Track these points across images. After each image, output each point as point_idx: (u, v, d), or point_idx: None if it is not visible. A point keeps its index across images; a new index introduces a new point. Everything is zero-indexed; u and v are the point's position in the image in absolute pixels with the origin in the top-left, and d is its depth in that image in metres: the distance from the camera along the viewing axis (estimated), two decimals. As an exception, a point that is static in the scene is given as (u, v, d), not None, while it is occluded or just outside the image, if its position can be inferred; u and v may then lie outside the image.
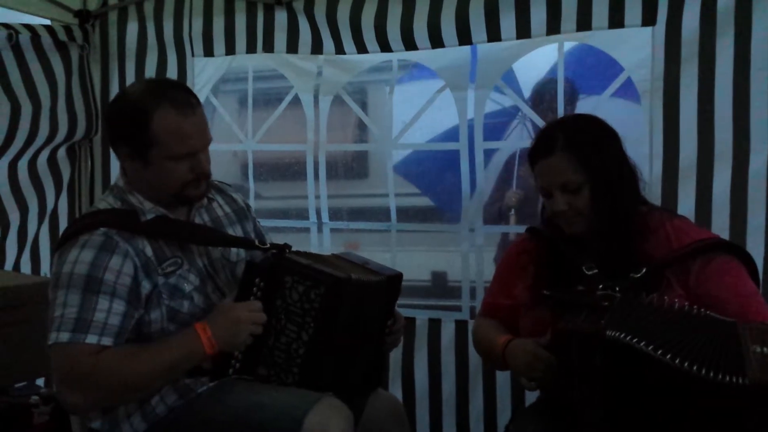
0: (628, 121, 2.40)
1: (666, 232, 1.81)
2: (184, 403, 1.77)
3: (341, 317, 1.74)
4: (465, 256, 2.77)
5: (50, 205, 3.07)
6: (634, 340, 1.48)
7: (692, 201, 2.34)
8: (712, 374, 1.42)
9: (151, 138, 1.71)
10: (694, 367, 1.43)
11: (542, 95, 2.91)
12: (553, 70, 2.72)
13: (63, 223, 3.12)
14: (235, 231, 1.98)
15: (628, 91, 2.51)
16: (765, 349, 1.46)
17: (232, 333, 1.70)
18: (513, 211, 2.95)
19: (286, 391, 1.72)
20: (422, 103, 2.85)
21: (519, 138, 2.92)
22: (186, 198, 1.83)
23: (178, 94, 1.75)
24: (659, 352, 1.46)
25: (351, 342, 1.80)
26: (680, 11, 2.29)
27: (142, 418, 1.77)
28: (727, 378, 1.41)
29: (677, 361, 1.44)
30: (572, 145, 1.76)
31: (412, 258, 3.28)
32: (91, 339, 1.64)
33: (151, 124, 1.70)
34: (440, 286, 3.52)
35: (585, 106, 2.83)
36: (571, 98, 2.83)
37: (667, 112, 2.35)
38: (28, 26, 2.84)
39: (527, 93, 2.94)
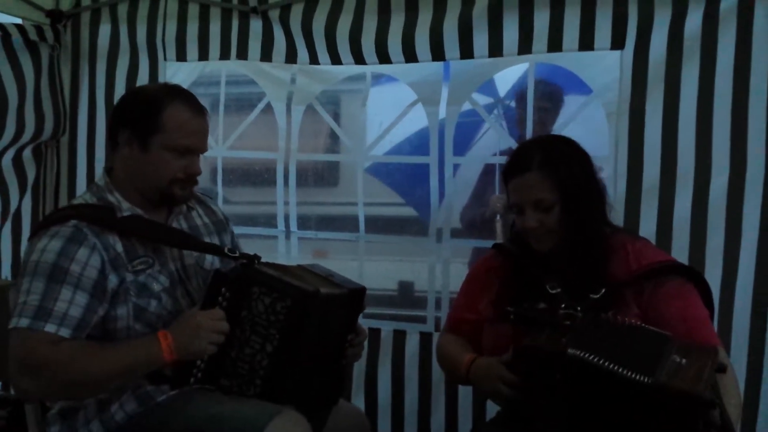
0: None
1: (626, 252, 1.85)
2: (143, 411, 1.77)
3: (307, 330, 1.74)
4: (431, 268, 2.79)
5: (14, 206, 3.02)
6: (594, 358, 1.53)
7: (654, 222, 2.39)
8: (626, 372, 1.49)
9: (159, 124, 1.79)
10: (618, 368, 1.50)
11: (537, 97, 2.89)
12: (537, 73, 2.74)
13: (26, 224, 3.07)
14: (212, 241, 1.99)
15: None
16: (683, 360, 1.54)
17: (191, 340, 1.69)
18: (499, 217, 2.91)
19: (247, 403, 1.72)
20: (395, 109, 2.86)
21: (494, 138, 2.92)
22: (170, 196, 1.85)
23: (193, 99, 1.87)
24: (604, 362, 1.52)
25: (314, 355, 1.81)
26: (648, 37, 2.35)
27: (101, 425, 1.76)
28: (636, 376, 1.49)
29: (612, 365, 1.51)
30: (548, 164, 1.80)
31: (380, 267, 3.29)
32: (50, 328, 1.64)
33: (164, 112, 1.79)
34: (407, 296, 3.53)
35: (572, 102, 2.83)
36: (557, 98, 2.86)
37: (632, 135, 2.40)
38: (-2, 24, 2.81)
39: (503, 93, 2.96)
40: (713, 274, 2.28)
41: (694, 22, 2.30)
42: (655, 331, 1.66)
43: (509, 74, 2.82)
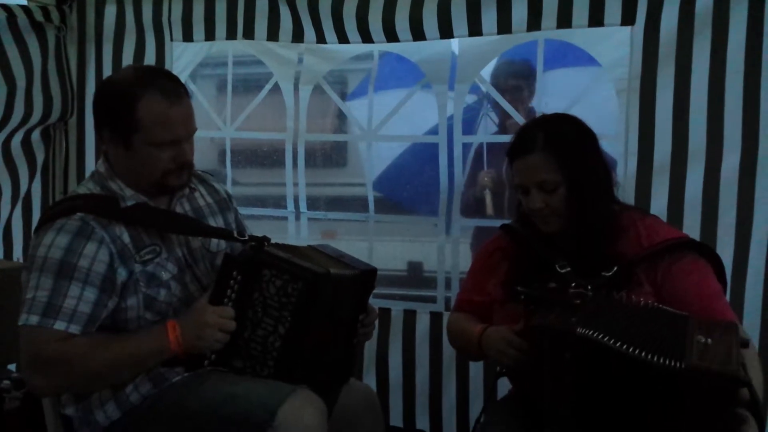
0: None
1: (637, 230, 1.84)
2: (158, 392, 1.78)
3: (318, 311, 1.75)
4: (441, 248, 2.79)
5: (24, 188, 3.03)
6: (603, 337, 1.52)
7: (665, 199, 2.38)
8: (655, 359, 1.47)
9: (135, 122, 1.71)
10: (643, 353, 1.48)
11: (504, 78, 2.87)
12: (505, 54, 2.72)
13: (36, 207, 3.09)
14: (217, 221, 1.98)
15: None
16: (708, 339, 1.52)
17: (198, 336, 1.71)
18: (487, 190, 2.88)
19: (261, 383, 1.73)
20: (402, 95, 2.85)
21: (484, 131, 2.92)
22: (166, 187, 1.83)
23: (167, 83, 1.77)
24: (618, 344, 1.50)
25: (326, 335, 1.81)
26: (659, 12, 2.32)
27: (116, 406, 1.78)
28: (668, 362, 1.46)
29: (630, 348, 1.49)
30: (552, 145, 1.79)
31: (389, 247, 3.29)
32: (60, 325, 1.65)
33: (137, 108, 1.71)
34: (416, 276, 3.54)
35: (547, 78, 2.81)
36: (526, 72, 2.81)
37: (643, 111, 2.38)
38: (4, 6, 2.79)
39: (486, 88, 2.94)
40: (725, 252, 2.26)
41: (705, -4, 2.27)
42: (672, 312, 1.64)
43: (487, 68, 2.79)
